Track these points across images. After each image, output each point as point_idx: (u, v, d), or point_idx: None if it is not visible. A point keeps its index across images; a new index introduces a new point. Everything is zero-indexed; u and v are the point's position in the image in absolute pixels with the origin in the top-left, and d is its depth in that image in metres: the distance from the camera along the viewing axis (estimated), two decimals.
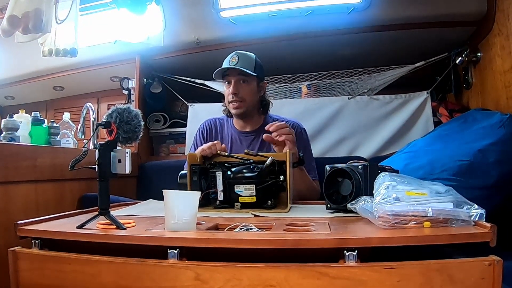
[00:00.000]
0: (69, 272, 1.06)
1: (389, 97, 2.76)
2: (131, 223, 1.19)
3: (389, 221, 1.02)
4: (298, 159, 1.74)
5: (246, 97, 2.00)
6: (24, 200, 1.70)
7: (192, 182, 1.57)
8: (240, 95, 1.98)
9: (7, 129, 1.91)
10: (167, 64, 3.04)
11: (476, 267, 0.89)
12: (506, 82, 2.11)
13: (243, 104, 2.00)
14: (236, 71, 1.97)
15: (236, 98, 1.98)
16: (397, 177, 1.18)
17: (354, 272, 0.91)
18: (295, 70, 2.87)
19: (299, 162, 1.75)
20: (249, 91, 2.01)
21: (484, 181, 1.74)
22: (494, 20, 2.20)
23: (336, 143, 2.78)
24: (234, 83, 1.98)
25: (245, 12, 2.60)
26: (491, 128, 1.90)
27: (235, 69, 1.95)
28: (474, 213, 1.01)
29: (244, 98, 1.99)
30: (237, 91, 1.98)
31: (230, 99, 2.00)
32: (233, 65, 1.95)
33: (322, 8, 2.51)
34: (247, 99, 2.00)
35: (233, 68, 1.95)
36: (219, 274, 0.95)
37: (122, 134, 1.21)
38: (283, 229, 1.12)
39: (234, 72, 1.98)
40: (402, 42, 2.69)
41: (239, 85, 1.99)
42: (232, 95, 1.98)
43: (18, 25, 1.87)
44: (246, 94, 2.00)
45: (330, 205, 1.41)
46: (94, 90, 3.52)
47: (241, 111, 2.02)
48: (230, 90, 1.98)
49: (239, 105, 2.00)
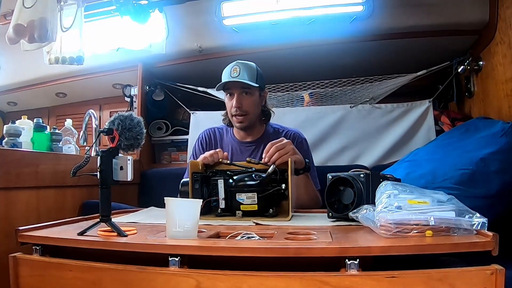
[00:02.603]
0: (70, 279, 1.06)
1: (391, 106, 2.76)
2: (132, 231, 1.19)
3: (391, 230, 1.01)
4: (304, 166, 1.73)
5: (249, 109, 1.97)
6: (26, 206, 1.70)
7: (194, 190, 1.56)
8: (244, 108, 1.95)
9: (9, 135, 1.92)
10: (169, 72, 3.05)
11: (478, 276, 0.88)
12: (508, 91, 2.11)
13: (247, 117, 1.98)
14: (239, 84, 1.92)
15: (240, 111, 1.95)
16: (399, 185, 1.17)
17: (356, 281, 0.90)
18: (297, 78, 2.88)
19: (305, 168, 1.73)
20: (252, 102, 1.97)
21: (486, 190, 1.74)
22: (496, 29, 2.21)
23: (338, 152, 2.78)
24: (237, 96, 1.95)
25: (247, 21, 2.61)
26: (493, 137, 1.90)
27: (238, 82, 1.92)
28: (476, 222, 1.01)
29: (247, 111, 1.96)
30: (240, 104, 1.94)
31: (233, 112, 1.97)
32: (234, 77, 1.91)
33: (324, 17, 2.52)
34: (250, 112, 1.98)
35: (236, 81, 1.92)
36: (220, 283, 0.95)
37: (124, 141, 1.21)
38: (284, 238, 1.12)
39: (236, 85, 1.94)
40: (404, 51, 2.70)
41: (242, 98, 1.95)
42: (235, 108, 1.95)
43: (24, 34, 1.88)
44: (249, 106, 1.97)
45: (331, 214, 1.40)
46: (97, 97, 3.53)
47: (245, 125, 2.00)
48: (234, 103, 1.95)
49: (243, 119, 1.97)
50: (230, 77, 1.92)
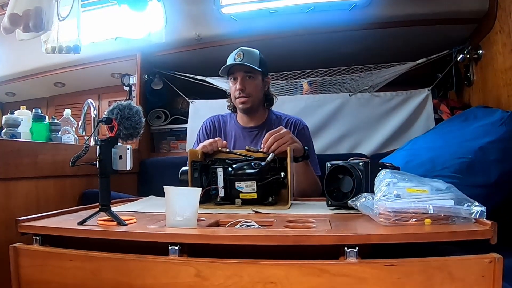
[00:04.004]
0: (70, 268, 1.07)
1: (390, 94, 2.76)
2: (132, 220, 1.19)
3: (390, 218, 1.02)
4: (303, 154, 1.75)
5: (252, 92, 2.03)
6: (25, 196, 1.71)
7: (193, 178, 1.56)
8: (247, 90, 2.02)
9: (8, 126, 1.91)
10: (168, 61, 3.04)
11: (477, 265, 0.89)
12: (507, 80, 2.10)
13: (250, 99, 2.04)
14: (242, 68, 2.00)
15: (243, 93, 2.02)
16: (398, 174, 1.18)
17: (355, 269, 0.91)
18: (296, 66, 2.87)
19: (304, 156, 1.76)
20: (255, 86, 2.04)
21: (485, 179, 1.74)
22: (495, 17, 2.19)
23: (337, 140, 2.78)
24: (240, 79, 2.02)
25: (246, 9, 2.59)
26: (492, 125, 1.89)
27: (241, 65, 1.99)
28: (474, 210, 1.01)
29: (250, 93, 2.03)
30: (243, 87, 2.01)
31: (237, 95, 2.04)
32: (238, 61, 1.98)
33: (323, 4, 2.50)
34: (253, 94, 2.04)
35: (240, 64, 1.99)
36: (219, 271, 0.96)
37: (123, 130, 1.21)
38: (283, 226, 1.12)
39: (240, 68, 2.01)
40: (403, 39, 2.69)
41: (245, 81, 2.02)
42: (239, 91, 2.01)
43: (19, 23, 1.86)
44: (252, 89, 2.03)
45: (330, 202, 1.41)
46: (95, 86, 3.52)
47: (248, 106, 2.05)
48: (237, 86, 2.02)
49: (246, 100, 2.03)
50: (234, 62, 1.99)
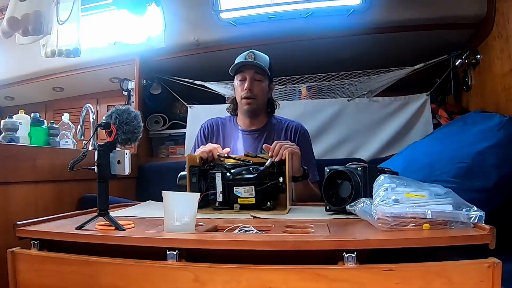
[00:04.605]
0: (68, 273, 1.06)
1: (388, 99, 2.76)
2: (130, 224, 1.19)
3: (388, 223, 1.02)
4: (303, 173, 1.74)
5: (258, 94, 2.02)
6: (23, 201, 1.70)
7: (192, 183, 1.56)
8: (254, 92, 2.01)
9: (6, 130, 1.91)
10: (166, 66, 3.04)
11: (475, 270, 0.89)
12: (505, 85, 2.11)
13: (255, 101, 2.03)
14: (253, 68, 1.99)
15: (250, 94, 2.00)
16: (397, 179, 1.18)
17: (353, 274, 0.91)
18: (295, 72, 2.87)
19: (303, 176, 1.75)
20: (261, 89, 2.03)
21: (483, 184, 1.74)
22: (493, 22, 2.20)
23: (336, 145, 2.78)
24: (249, 78, 2.00)
25: (245, 14, 2.59)
26: (490, 130, 1.90)
27: (252, 66, 1.99)
28: (473, 215, 1.01)
29: (257, 95, 2.02)
30: (251, 87, 2.00)
31: (243, 95, 2.01)
32: (250, 61, 1.98)
33: (321, 10, 2.51)
34: (259, 97, 2.03)
35: (252, 64, 1.98)
36: (218, 276, 0.95)
37: (122, 135, 1.21)
38: (282, 231, 1.12)
39: (250, 68, 2.00)
40: (402, 44, 2.69)
41: (253, 82, 2.01)
42: (247, 90, 1.99)
43: (18, 27, 1.87)
44: (259, 91, 2.02)
45: (329, 207, 1.41)
46: (94, 91, 3.51)
47: (253, 107, 2.04)
48: (246, 85, 1.99)
49: (252, 102, 2.02)
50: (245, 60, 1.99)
